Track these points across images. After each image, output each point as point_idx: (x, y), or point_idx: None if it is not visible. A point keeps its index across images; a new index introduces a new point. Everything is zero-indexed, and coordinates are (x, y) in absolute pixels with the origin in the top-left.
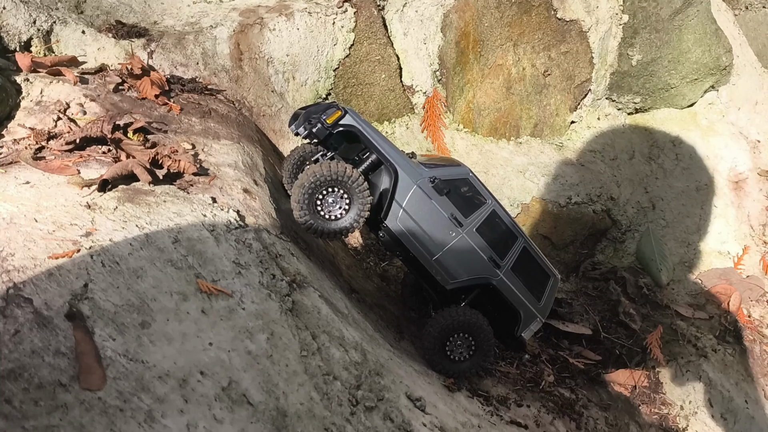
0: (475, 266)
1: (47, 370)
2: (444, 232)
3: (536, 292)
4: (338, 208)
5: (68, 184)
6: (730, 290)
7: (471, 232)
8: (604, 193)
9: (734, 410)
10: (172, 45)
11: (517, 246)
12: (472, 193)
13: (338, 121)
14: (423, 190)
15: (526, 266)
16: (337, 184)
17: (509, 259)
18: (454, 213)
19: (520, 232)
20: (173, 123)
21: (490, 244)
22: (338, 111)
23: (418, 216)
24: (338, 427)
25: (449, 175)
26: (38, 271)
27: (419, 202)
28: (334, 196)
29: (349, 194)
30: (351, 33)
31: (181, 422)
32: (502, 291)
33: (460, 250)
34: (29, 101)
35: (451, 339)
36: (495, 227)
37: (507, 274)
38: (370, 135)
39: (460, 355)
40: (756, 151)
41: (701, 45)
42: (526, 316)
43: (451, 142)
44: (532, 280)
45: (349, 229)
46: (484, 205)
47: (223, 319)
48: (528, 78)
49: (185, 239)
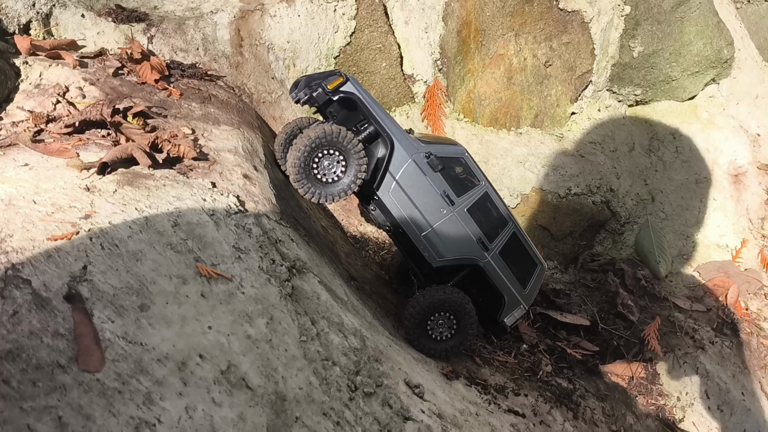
0: (463, 246)
1: (45, 351)
2: (435, 209)
3: (522, 278)
4: (334, 171)
5: (67, 167)
6: (728, 283)
7: (462, 211)
8: (603, 184)
9: (731, 402)
10: (172, 30)
11: (507, 231)
12: (466, 174)
13: (339, 87)
14: (417, 165)
15: (514, 252)
16: (333, 145)
17: (498, 243)
18: (446, 191)
19: (510, 217)
20: (173, 108)
21: (480, 226)
22: (340, 77)
23: (410, 190)
24: (337, 412)
25: (445, 152)
26: (37, 252)
27: (413, 176)
28: (330, 158)
29: (345, 156)
30: (352, 20)
31: (179, 405)
32: (488, 274)
33: (450, 229)
34: (28, 84)
35: (432, 317)
36: (486, 210)
37: (494, 258)
38: (369, 104)
39: (441, 335)
40: (756, 144)
41: (703, 37)
42: (509, 301)
43: (452, 131)
44: (519, 267)
45: (345, 191)
46: (477, 187)
47: (223, 303)
48: (529, 68)
49: (185, 223)
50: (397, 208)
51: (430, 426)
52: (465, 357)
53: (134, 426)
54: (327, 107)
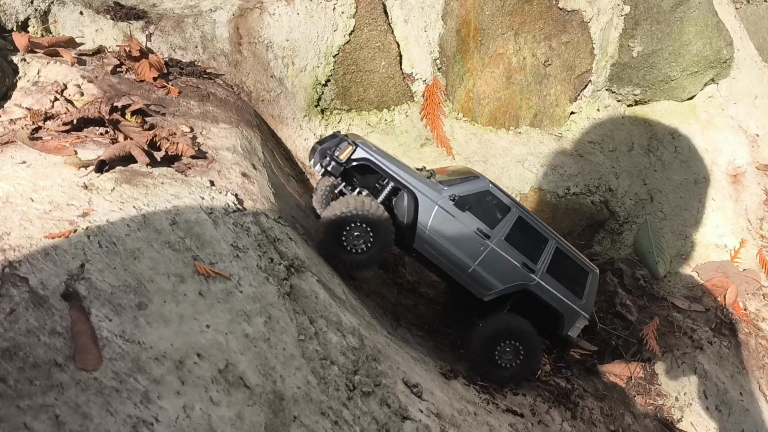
0: (508, 274)
1: (43, 349)
2: (472, 247)
3: (576, 289)
4: (362, 243)
5: (65, 165)
6: (726, 283)
7: (500, 242)
8: (602, 184)
9: (729, 402)
10: (170, 28)
11: (549, 248)
12: (495, 204)
13: (350, 156)
14: (445, 210)
15: (561, 266)
16: (361, 218)
17: (543, 262)
18: (479, 226)
19: (550, 233)
20: (171, 106)
21: (521, 251)
22: (349, 145)
23: (444, 235)
24: (335, 411)
25: (469, 189)
26: (34, 250)
27: (443, 221)
28: (358, 230)
29: (373, 230)
30: (351, 19)
31: (177, 404)
32: (540, 294)
33: (492, 262)
34: (26, 81)
35: (499, 346)
36: (524, 233)
37: (543, 277)
38: (384, 164)
39: (509, 362)
40: (755, 145)
41: (702, 37)
42: (568, 315)
43: (451, 130)
44: (570, 279)
45: (372, 262)
46: (509, 213)
47: (221, 301)
48: (528, 68)
49: (183, 221)
50: (436, 256)
51: (429, 425)
52: (464, 356)
53: (132, 425)
54: (346, 174)
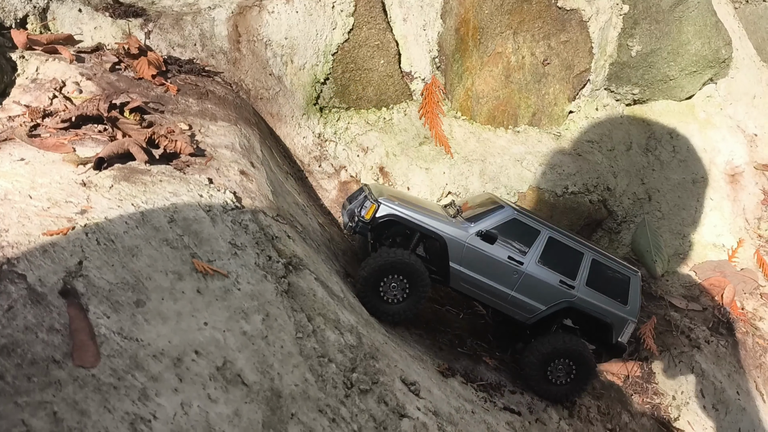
0: (548, 295)
1: (41, 346)
2: (507, 275)
3: (619, 296)
4: (396, 294)
5: (63, 162)
6: (724, 283)
7: (533, 266)
8: (600, 183)
9: (726, 401)
10: (169, 25)
11: (586, 261)
12: (523, 230)
13: (375, 215)
14: (474, 246)
15: (600, 277)
16: (398, 271)
17: (581, 277)
18: (511, 255)
19: (585, 245)
20: (170, 103)
21: (557, 270)
22: (372, 205)
23: (477, 270)
24: (333, 409)
25: (495, 221)
26: (32, 247)
27: (474, 258)
28: (396, 281)
29: (409, 280)
30: (350, 17)
31: (175, 401)
32: (584, 308)
33: (529, 286)
34: (24, 78)
35: (551, 365)
36: (557, 252)
37: (583, 291)
38: (407, 217)
39: (561, 379)
40: (753, 144)
41: (701, 37)
42: (616, 323)
43: (449, 129)
44: (612, 287)
45: (408, 312)
46: (539, 235)
47: (219, 299)
48: (527, 67)
49: (181, 219)
50: (474, 291)
51: (426, 423)
52: (462, 355)
53: (129, 422)
54: (375, 231)
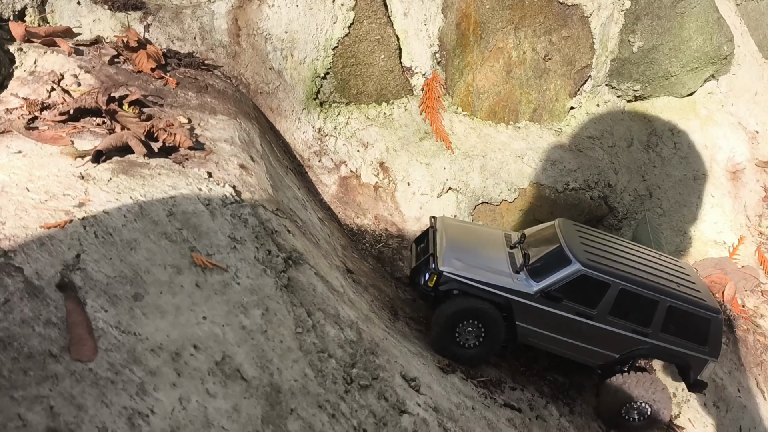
0: (619, 345)
1: (37, 340)
2: (576, 329)
3: (698, 338)
4: (469, 339)
5: (61, 155)
6: (725, 280)
7: (604, 318)
8: (601, 179)
9: (726, 399)
10: (169, 19)
11: (661, 308)
12: (593, 283)
13: (438, 284)
14: (539, 306)
15: (677, 322)
16: (480, 318)
17: (656, 324)
18: (578, 310)
19: (662, 292)
20: (169, 97)
21: (630, 320)
22: (434, 275)
23: (545, 327)
24: (332, 404)
25: (560, 279)
26: (30, 240)
27: (539, 316)
28: (473, 326)
29: (487, 330)
30: (351, 11)
31: (173, 395)
32: (657, 355)
33: (600, 337)
34: (23, 71)
35: (626, 406)
36: (630, 302)
37: (658, 338)
38: (472, 282)
39: (635, 417)
40: (754, 141)
41: (703, 33)
42: (695, 364)
43: (450, 124)
44: (689, 331)
45: (477, 360)
46: (611, 288)
47: (218, 293)
48: (528, 62)
49: (180, 212)
50: (543, 344)
51: (426, 419)
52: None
53: (127, 416)
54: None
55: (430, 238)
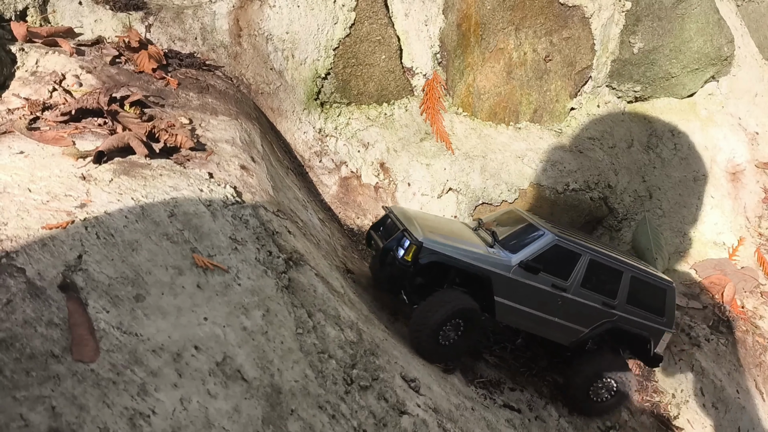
0: (590, 318)
1: (39, 340)
2: (550, 303)
3: (656, 309)
4: (451, 336)
5: (63, 155)
6: (724, 281)
7: (576, 290)
8: (601, 180)
9: (725, 400)
10: (170, 19)
11: (625, 279)
12: (565, 254)
13: (417, 257)
14: (518, 278)
15: (639, 293)
16: (463, 317)
17: (621, 295)
18: (554, 282)
19: (623, 264)
20: (170, 97)
21: (599, 291)
22: (413, 246)
23: (522, 301)
24: (332, 405)
25: (536, 250)
26: (32, 241)
27: (518, 290)
28: (454, 325)
29: (467, 326)
30: (352, 12)
31: (174, 396)
32: (623, 327)
33: (571, 310)
34: (24, 71)
35: (594, 384)
36: (598, 274)
37: (623, 309)
38: (454, 256)
39: (603, 397)
40: (754, 143)
41: (703, 34)
42: (654, 336)
43: (450, 125)
44: (649, 301)
45: (459, 351)
46: (581, 259)
47: (219, 294)
48: (529, 63)
49: (181, 213)
50: (518, 321)
51: (426, 420)
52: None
53: (128, 417)
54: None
55: (395, 220)
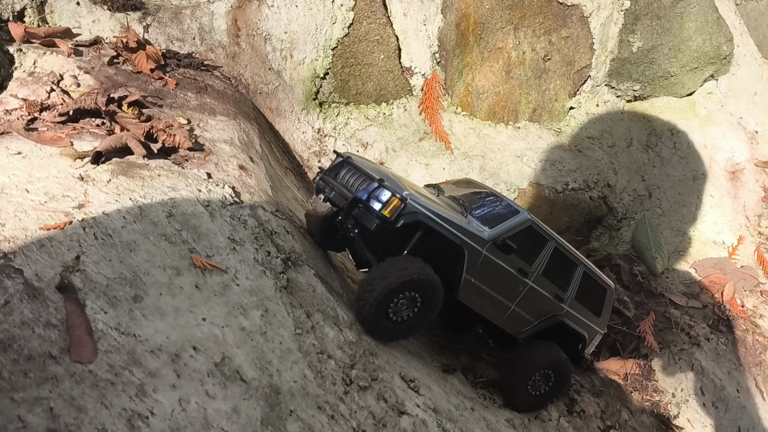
0: (542, 309)
1: (37, 341)
2: (513, 288)
3: (596, 308)
4: (406, 311)
5: (61, 156)
6: (724, 280)
7: (537, 278)
8: (601, 180)
9: (725, 399)
10: (168, 19)
11: (578, 273)
12: (534, 237)
13: (400, 212)
14: (491, 256)
15: (586, 289)
16: (416, 289)
17: (572, 289)
18: (520, 266)
19: (578, 257)
20: (169, 97)
21: (555, 282)
22: (395, 199)
23: (487, 282)
24: (331, 405)
25: (510, 228)
26: (29, 241)
27: (488, 268)
28: (408, 299)
29: (424, 300)
30: (350, 12)
31: (173, 397)
32: (569, 323)
33: (529, 299)
34: (22, 72)
35: (534, 377)
36: (557, 263)
37: (571, 305)
38: (438, 220)
39: (539, 390)
40: (753, 141)
41: (702, 33)
42: (589, 335)
43: (449, 125)
44: (592, 300)
45: (411, 332)
46: (548, 244)
47: (217, 294)
48: (528, 62)
49: (179, 214)
50: (478, 303)
51: (425, 420)
52: (461, 352)
53: (127, 418)
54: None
55: (359, 169)
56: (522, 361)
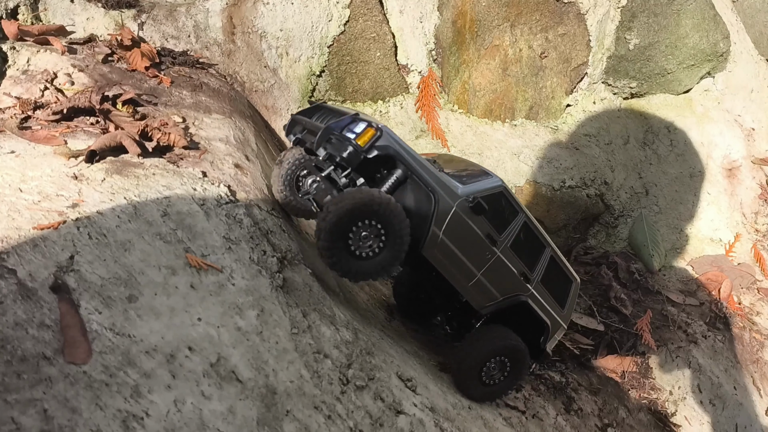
0: (508, 285)
1: (31, 342)
2: (480, 254)
3: (560, 299)
4: (370, 245)
5: (55, 155)
6: (721, 277)
7: (506, 250)
8: (598, 177)
9: (723, 396)
10: (163, 17)
11: (545, 256)
12: (506, 206)
13: (374, 142)
14: (462, 213)
15: (552, 275)
16: (375, 216)
17: (538, 272)
18: (490, 232)
19: (546, 240)
20: (163, 96)
21: (523, 259)
22: (371, 129)
23: (455, 241)
24: (328, 405)
25: (483, 189)
26: (22, 241)
27: (458, 226)
28: (368, 230)
29: (388, 230)
30: (346, 9)
31: (168, 398)
32: (533, 306)
33: (495, 271)
34: (15, 70)
35: (487, 364)
36: (526, 239)
37: (536, 287)
38: (408, 157)
39: (493, 379)
40: (750, 139)
41: (699, 30)
42: (552, 326)
43: (446, 122)
44: (557, 288)
45: (384, 271)
46: (517, 217)
47: (213, 294)
48: (524, 60)
49: (174, 213)
50: (444, 263)
51: (423, 420)
52: None
53: (121, 419)
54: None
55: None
56: (475, 346)
